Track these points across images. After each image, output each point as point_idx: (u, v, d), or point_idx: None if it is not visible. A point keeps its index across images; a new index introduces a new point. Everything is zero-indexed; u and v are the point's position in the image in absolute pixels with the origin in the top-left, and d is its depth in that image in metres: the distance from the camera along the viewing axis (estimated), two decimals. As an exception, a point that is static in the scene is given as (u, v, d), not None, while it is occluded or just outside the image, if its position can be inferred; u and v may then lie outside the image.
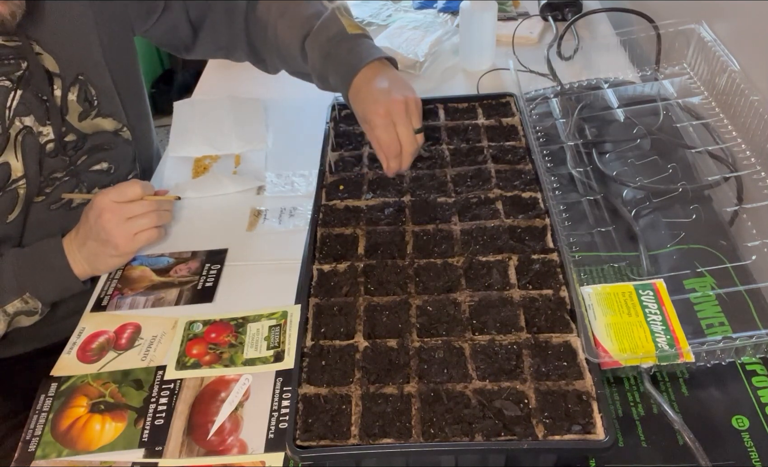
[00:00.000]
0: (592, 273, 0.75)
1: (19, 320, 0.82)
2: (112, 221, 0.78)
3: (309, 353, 0.64)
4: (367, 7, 1.37)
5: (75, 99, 0.84)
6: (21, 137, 0.80)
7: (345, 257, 0.74)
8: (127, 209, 0.80)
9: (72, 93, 0.84)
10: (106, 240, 0.79)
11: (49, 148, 0.83)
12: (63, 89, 0.83)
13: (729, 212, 0.79)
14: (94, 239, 0.80)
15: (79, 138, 0.86)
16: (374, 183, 0.84)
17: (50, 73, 0.81)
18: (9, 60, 0.77)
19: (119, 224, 0.79)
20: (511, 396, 0.59)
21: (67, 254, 0.81)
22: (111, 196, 0.79)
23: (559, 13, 1.22)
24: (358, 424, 0.58)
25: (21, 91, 0.78)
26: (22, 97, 0.78)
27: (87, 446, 0.66)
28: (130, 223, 0.80)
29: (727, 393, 0.63)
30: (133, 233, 0.80)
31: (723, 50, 0.89)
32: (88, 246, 0.80)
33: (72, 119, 0.85)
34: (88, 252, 0.81)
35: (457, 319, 0.66)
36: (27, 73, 0.78)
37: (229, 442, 0.64)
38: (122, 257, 0.83)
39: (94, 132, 0.88)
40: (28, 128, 0.80)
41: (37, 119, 0.81)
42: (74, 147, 0.86)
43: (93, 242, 0.80)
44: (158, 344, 0.74)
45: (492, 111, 0.94)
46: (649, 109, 0.93)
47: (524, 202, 0.79)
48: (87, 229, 0.80)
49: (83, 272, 0.82)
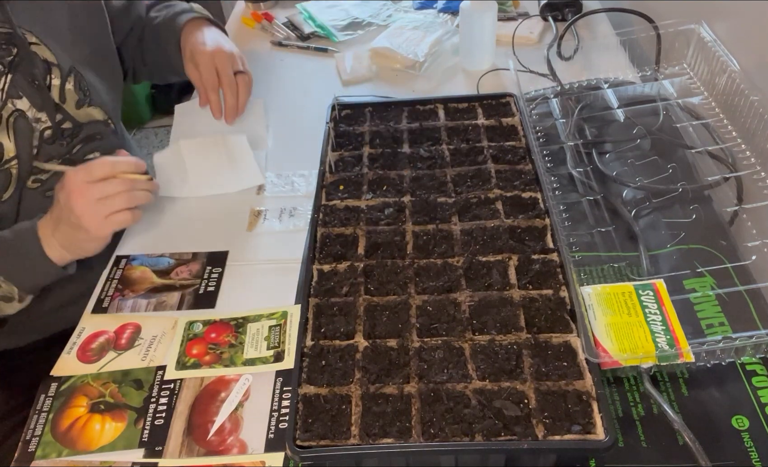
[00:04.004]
0: (592, 273, 0.75)
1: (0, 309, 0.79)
2: (81, 203, 0.73)
3: (309, 353, 0.64)
4: (367, 7, 1.37)
5: (72, 88, 0.87)
6: (13, 119, 0.81)
7: (345, 257, 0.74)
8: (97, 189, 0.74)
9: (69, 82, 0.86)
10: (77, 224, 0.74)
11: (47, 134, 0.85)
12: (61, 78, 0.85)
13: (729, 212, 0.79)
14: (66, 223, 0.75)
15: (75, 126, 0.88)
16: (374, 183, 0.84)
17: (48, 63, 0.84)
18: (1, 45, 0.80)
19: (89, 206, 0.74)
20: (511, 396, 0.59)
21: (42, 239, 0.77)
22: (80, 175, 0.74)
23: (559, 13, 1.22)
24: (358, 424, 0.58)
25: (11, 76, 0.80)
26: (12, 81, 0.80)
27: (87, 446, 0.66)
28: (100, 204, 0.74)
29: (727, 393, 0.63)
30: (104, 215, 0.75)
31: (723, 50, 0.89)
32: (61, 230, 0.76)
33: (69, 108, 0.87)
34: (62, 237, 0.77)
35: (457, 319, 0.66)
36: (17, 58, 0.80)
37: (229, 442, 0.64)
38: (97, 241, 0.78)
39: (88, 121, 0.90)
40: (20, 111, 0.82)
41: (33, 104, 0.83)
42: (70, 135, 0.88)
43: (65, 226, 0.75)
44: (158, 344, 0.74)
45: (492, 111, 0.94)
46: (649, 110, 0.93)
47: (524, 202, 0.79)
48: (59, 211, 0.76)
49: (61, 258, 0.78)
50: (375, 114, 0.96)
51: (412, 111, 0.96)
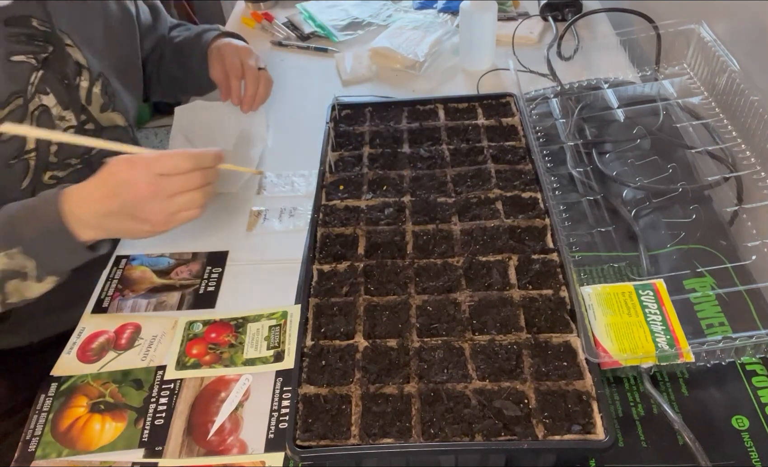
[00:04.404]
0: (592, 273, 0.75)
1: (13, 290, 0.72)
2: (150, 198, 0.68)
3: (309, 353, 0.64)
4: (367, 7, 1.37)
5: (98, 92, 0.90)
6: (38, 113, 0.83)
7: (345, 257, 0.74)
8: (169, 185, 0.68)
9: (96, 86, 0.89)
10: (143, 219, 0.69)
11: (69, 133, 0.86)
12: (90, 81, 0.88)
13: (729, 212, 0.79)
14: (121, 214, 0.69)
15: (97, 129, 0.91)
16: (374, 183, 0.84)
17: (80, 65, 0.87)
18: (38, 41, 0.82)
19: (157, 201, 0.68)
20: (511, 396, 0.59)
21: (72, 218, 0.69)
22: (153, 166, 0.68)
23: (559, 13, 1.22)
24: (358, 424, 0.58)
25: (42, 72, 0.82)
26: (43, 77, 0.82)
27: (87, 446, 0.66)
28: (170, 201, 0.69)
29: (727, 393, 0.63)
30: (173, 211, 0.70)
31: (723, 50, 0.88)
32: (111, 220, 0.70)
33: (94, 110, 0.90)
34: (111, 226, 0.71)
35: (457, 319, 0.66)
36: (51, 56, 0.83)
37: (229, 442, 0.64)
38: (153, 234, 0.73)
39: (109, 125, 0.93)
40: (45, 107, 0.83)
41: (59, 101, 0.85)
42: (92, 136, 0.88)
43: (119, 217, 0.69)
44: (158, 344, 0.74)
45: (492, 111, 0.94)
46: (649, 109, 0.93)
47: (524, 202, 0.79)
48: (112, 201, 0.69)
49: (92, 237, 0.72)
50: (375, 114, 0.96)
51: (412, 111, 0.96)
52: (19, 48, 0.79)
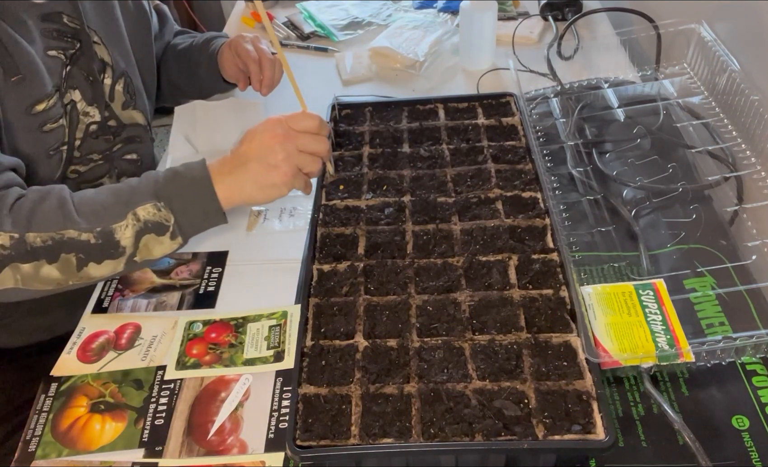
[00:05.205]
0: (592, 273, 0.75)
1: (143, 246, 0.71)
2: (282, 140, 0.70)
3: (309, 353, 0.64)
4: (367, 7, 1.37)
5: (121, 90, 0.92)
6: (69, 107, 0.85)
7: (345, 257, 0.74)
8: (302, 141, 0.71)
9: (119, 84, 0.91)
10: (274, 164, 0.70)
11: (92, 129, 0.88)
12: (113, 79, 0.90)
13: (729, 212, 0.79)
14: (256, 160, 0.71)
15: (119, 126, 0.93)
16: (374, 183, 0.84)
17: (104, 62, 0.89)
18: (67, 37, 0.83)
19: (288, 145, 0.71)
20: (511, 396, 0.59)
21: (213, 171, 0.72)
22: (287, 120, 0.72)
23: (559, 13, 1.22)
24: (358, 424, 0.58)
25: (70, 68, 0.84)
26: (70, 73, 0.84)
27: (87, 446, 0.66)
28: (299, 156, 0.71)
29: (727, 393, 0.63)
30: (299, 163, 0.72)
31: (723, 50, 0.88)
32: (249, 168, 0.71)
33: (116, 107, 0.92)
34: (247, 174, 0.71)
35: (457, 319, 0.66)
36: (78, 52, 0.84)
37: (229, 442, 0.64)
38: (279, 189, 0.72)
39: (130, 123, 0.95)
40: (73, 102, 0.85)
41: (84, 97, 0.86)
42: (113, 133, 0.92)
43: (256, 163, 0.71)
44: (158, 344, 0.74)
45: (492, 111, 0.94)
46: (649, 109, 0.93)
47: (524, 202, 0.79)
48: (248, 146, 0.72)
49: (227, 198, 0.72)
50: (375, 114, 0.96)
51: (412, 111, 0.96)
52: (53, 43, 0.81)
